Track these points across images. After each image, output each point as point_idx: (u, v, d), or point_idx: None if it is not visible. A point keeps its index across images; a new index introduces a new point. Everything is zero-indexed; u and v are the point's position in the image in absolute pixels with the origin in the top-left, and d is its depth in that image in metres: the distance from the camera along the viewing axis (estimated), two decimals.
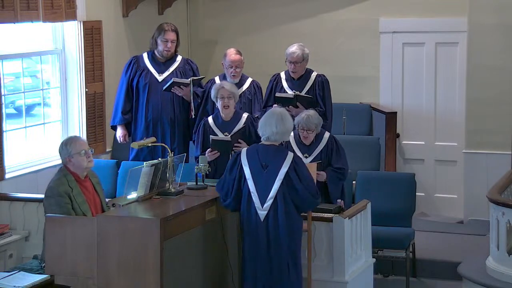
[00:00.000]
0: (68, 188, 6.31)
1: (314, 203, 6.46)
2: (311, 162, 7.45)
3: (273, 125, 6.42)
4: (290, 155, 6.44)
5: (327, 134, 7.74)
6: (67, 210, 6.25)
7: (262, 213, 6.36)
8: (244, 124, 7.80)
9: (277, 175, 6.35)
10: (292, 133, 7.30)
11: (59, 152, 6.45)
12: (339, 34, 10.62)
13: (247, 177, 6.39)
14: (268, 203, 6.35)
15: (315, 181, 6.59)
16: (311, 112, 7.63)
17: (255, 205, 6.37)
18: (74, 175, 6.38)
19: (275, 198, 6.33)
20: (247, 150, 6.54)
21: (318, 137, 7.68)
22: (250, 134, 7.78)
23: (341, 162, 7.66)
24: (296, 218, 6.42)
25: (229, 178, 6.46)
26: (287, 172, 6.35)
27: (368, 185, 8.64)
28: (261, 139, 6.55)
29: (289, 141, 7.60)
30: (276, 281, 6.37)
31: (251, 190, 6.38)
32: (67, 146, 6.38)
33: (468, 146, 9.84)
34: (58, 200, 6.25)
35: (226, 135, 7.68)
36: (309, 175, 6.48)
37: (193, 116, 8.31)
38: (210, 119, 7.90)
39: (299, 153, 7.55)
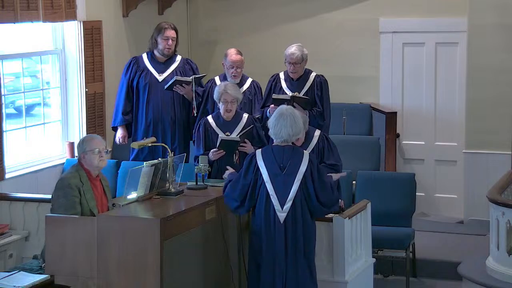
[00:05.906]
0: (79, 182, 6.41)
1: (323, 212, 6.45)
2: None
3: (288, 127, 6.34)
4: (306, 154, 6.40)
5: (317, 132, 7.67)
6: (73, 203, 6.31)
7: (282, 215, 6.30)
8: (245, 123, 7.79)
9: (295, 176, 6.31)
10: None
11: (77, 148, 6.67)
12: (339, 34, 10.62)
13: (265, 179, 6.32)
14: (288, 204, 6.29)
15: None
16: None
17: (275, 208, 6.30)
18: (86, 171, 6.51)
19: (294, 199, 6.30)
20: (262, 152, 6.44)
21: (309, 136, 7.63)
22: (253, 135, 7.77)
23: (334, 159, 7.58)
24: (311, 219, 6.40)
25: (243, 182, 6.36)
26: (305, 172, 6.32)
27: (368, 185, 8.64)
28: (274, 139, 6.48)
29: None
30: (292, 283, 6.31)
31: (270, 193, 6.31)
32: (83, 143, 6.56)
33: (468, 146, 9.84)
34: (66, 192, 6.33)
35: (227, 135, 7.67)
36: (326, 177, 6.43)
37: (195, 115, 8.32)
38: (210, 118, 7.86)
39: None
